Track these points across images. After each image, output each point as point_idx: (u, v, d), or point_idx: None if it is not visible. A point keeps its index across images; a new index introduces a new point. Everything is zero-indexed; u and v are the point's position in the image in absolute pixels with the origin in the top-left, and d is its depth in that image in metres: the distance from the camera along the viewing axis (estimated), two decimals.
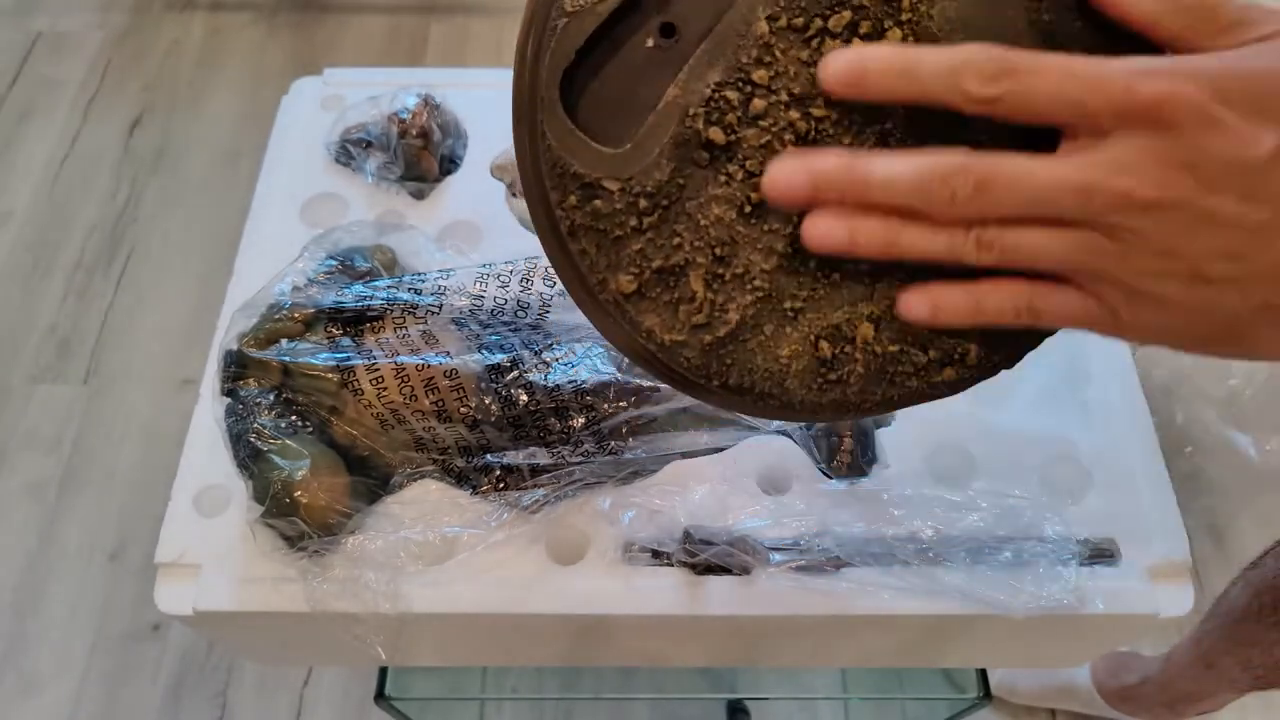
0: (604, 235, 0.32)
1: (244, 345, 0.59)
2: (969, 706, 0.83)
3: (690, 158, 0.31)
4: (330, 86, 0.81)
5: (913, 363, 0.32)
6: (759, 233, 0.31)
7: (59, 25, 1.93)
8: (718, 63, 0.30)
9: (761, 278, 0.32)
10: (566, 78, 0.31)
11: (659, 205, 0.31)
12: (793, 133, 0.31)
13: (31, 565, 1.32)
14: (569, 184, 0.31)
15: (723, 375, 0.32)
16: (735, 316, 0.32)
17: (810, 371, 0.32)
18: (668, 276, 0.32)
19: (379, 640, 0.57)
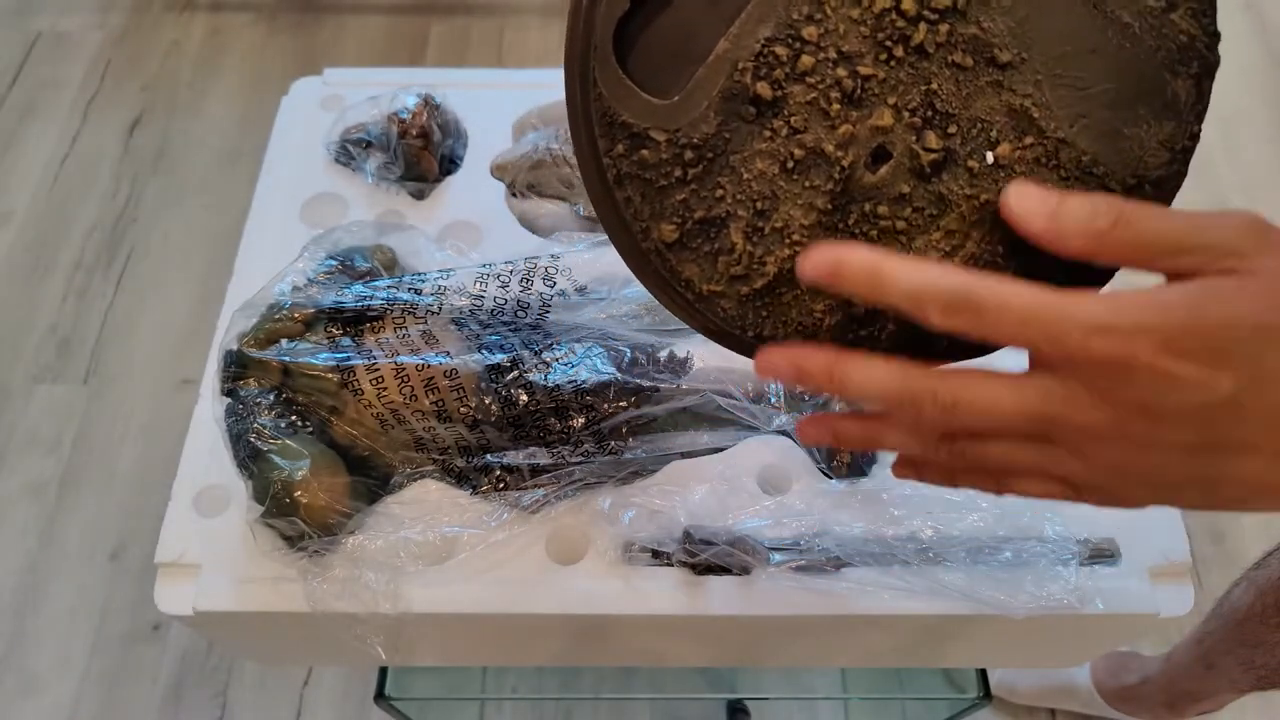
0: (649, 184, 0.32)
1: (244, 345, 0.59)
2: (969, 706, 0.83)
3: (737, 112, 0.31)
4: (330, 86, 0.81)
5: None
6: (800, 188, 0.32)
7: (59, 25, 1.93)
8: (769, 18, 0.31)
9: (800, 232, 0.32)
10: (620, 27, 0.31)
11: (704, 157, 0.32)
12: (839, 90, 0.31)
13: (31, 565, 1.32)
14: (618, 133, 0.32)
15: (758, 326, 0.33)
16: (773, 269, 0.32)
17: (843, 327, 0.33)
18: (709, 227, 0.32)
19: (379, 640, 0.57)
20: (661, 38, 0.32)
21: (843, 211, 0.32)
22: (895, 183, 0.32)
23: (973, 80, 0.31)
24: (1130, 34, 0.30)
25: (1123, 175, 0.31)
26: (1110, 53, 0.30)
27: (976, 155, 0.31)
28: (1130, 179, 0.31)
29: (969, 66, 0.31)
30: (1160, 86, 0.31)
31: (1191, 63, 0.30)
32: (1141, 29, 0.30)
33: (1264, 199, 1.66)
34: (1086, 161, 0.31)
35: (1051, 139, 0.31)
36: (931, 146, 0.31)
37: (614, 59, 0.31)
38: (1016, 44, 0.31)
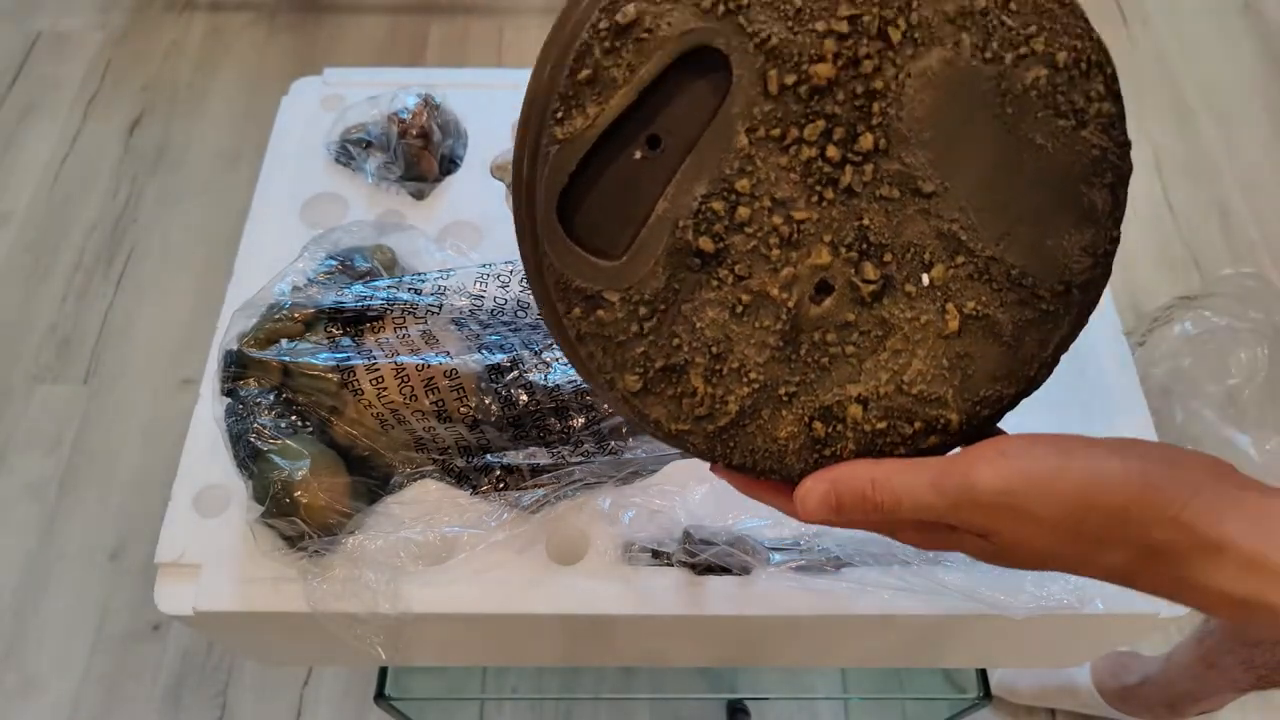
0: (609, 340, 0.34)
1: (244, 345, 0.59)
2: (969, 706, 0.83)
3: (684, 264, 0.33)
4: (330, 86, 0.81)
5: (899, 434, 0.34)
6: (751, 329, 0.34)
7: (59, 25, 1.93)
8: (703, 175, 0.33)
9: (756, 370, 0.34)
10: (562, 196, 0.33)
11: (657, 310, 0.34)
12: (777, 236, 0.33)
13: (31, 565, 1.32)
14: (573, 297, 0.34)
15: (727, 456, 0.35)
16: (735, 407, 0.34)
17: (806, 449, 0.35)
18: (670, 374, 0.34)
19: (379, 640, 0.57)
20: (604, 198, 0.33)
21: (794, 344, 0.34)
22: (840, 312, 0.34)
23: (901, 210, 0.33)
24: (1045, 153, 0.32)
25: (1051, 283, 0.33)
26: (1028, 172, 0.32)
27: (913, 279, 0.33)
28: (1058, 285, 0.33)
29: (896, 198, 0.33)
30: (1078, 198, 0.32)
31: (1105, 173, 0.32)
32: (1055, 148, 0.32)
33: (1265, 198, 1.66)
34: (1016, 274, 0.33)
35: (981, 257, 0.33)
36: (870, 277, 0.33)
37: (560, 230, 0.33)
38: (938, 174, 0.32)
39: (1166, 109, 1.78)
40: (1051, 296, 0.33)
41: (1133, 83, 1.82)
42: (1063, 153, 0.32)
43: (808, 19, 0.31)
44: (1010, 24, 0.31)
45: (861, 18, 0.31)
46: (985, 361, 0.34)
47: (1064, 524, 0.31)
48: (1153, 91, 1.81)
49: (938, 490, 0.32)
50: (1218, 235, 1.63)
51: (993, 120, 0.32)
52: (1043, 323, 0.34)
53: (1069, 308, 0.34)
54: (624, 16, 0.31)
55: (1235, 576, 0.29)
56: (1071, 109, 0.32)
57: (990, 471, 0.31)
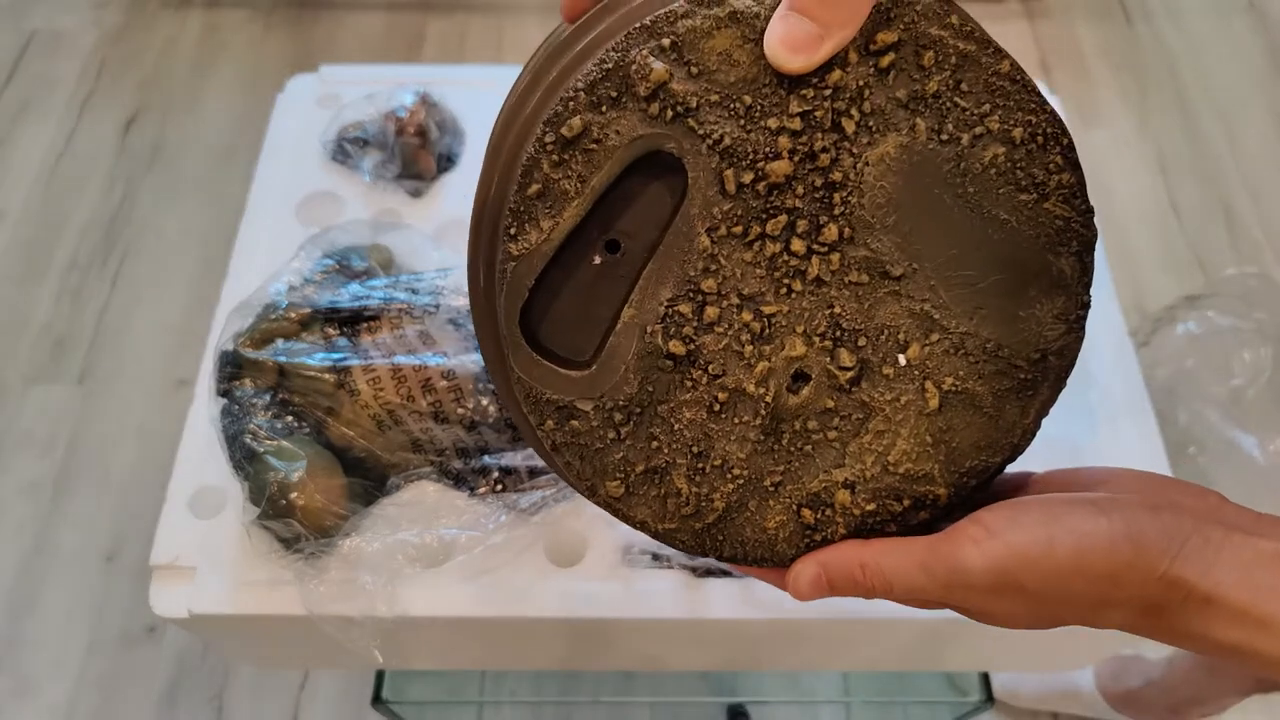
0: (586, 449, 0.33)
1: (239, 345, 0.58)
2: (971, 710, 0.83)
3: (655, 367, 0.33)
4: (326, 84, 0.81)
5: (889, 511, 0.34)
6: (731, 426, 0.33)
7: (54, 23, 1.92)
8: (667, 279, 0.32)
9: (739, 465, 0.34)
10: (524, 309, 0.32)
11: (633, 415, 0.33)
12: (748, 332, 0.33)
13: (26, 567, 1.32)
14: (545, 409, 0.33)
15: (717, 550, 0.35)
16: (721, 504, 0.34)
17: (796, 535, 0.34)
18: (653, 475, 0.34)
19: (376, 643, 0.56)
20: (567, 305, 0.33)
21: (775, 435, 0.33)
22: (819, 399, 0.33)
23: (871, 294, 0.32)
24: (1010, 228, 0.32)
25: (1027, 353, 0.33)
26: (994, 247, 0.32)
27: (889, 361, 0.33)
28: (1034, 354, 0.33)
29: (865, 283, 0.32)
30: (1045, 267, 0.33)
31: (1070, 242, 0.32)
32: (1019, 222, 0.32)
33: (1270, 198, 1.66)
34: (991, 347, 0.33)
35: (955, 334, 0.33)
36: (846, 364, 0.33)
37: (525, 345, 0.33)
38: (906, 257, 0.32)
39: (1170, 108, 1.78)
40: (1028, 365, 0.34)
41: (1136, 82, 1.82)
42: (1027, 225, 0.32)
43: (759, 117, 0.31)
44: (963, 105, 0.31)
45: (814, 113, 0.31)
46: (968, 433, 0.34)
47: (1057, 595, 0.31)
48: (1156, 91, 1.81)
49: (927, 573, 0.32)
50: (1222, 235, 1.63)
51: (955, 199, 0.32)
52: (1021, 390, 0.34)
53: (1046, 374, 0.34)
54: (569, 129, 0.30)
55: (1226, 627, 0.30)
56: (1032, 183, 0.32)
57: (978, 553, 0.31)
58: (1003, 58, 0.31)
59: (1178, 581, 0.30)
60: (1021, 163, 0.32)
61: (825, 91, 0.31)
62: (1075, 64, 1.84)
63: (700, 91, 0.30)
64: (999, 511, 0.32)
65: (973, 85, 0.31)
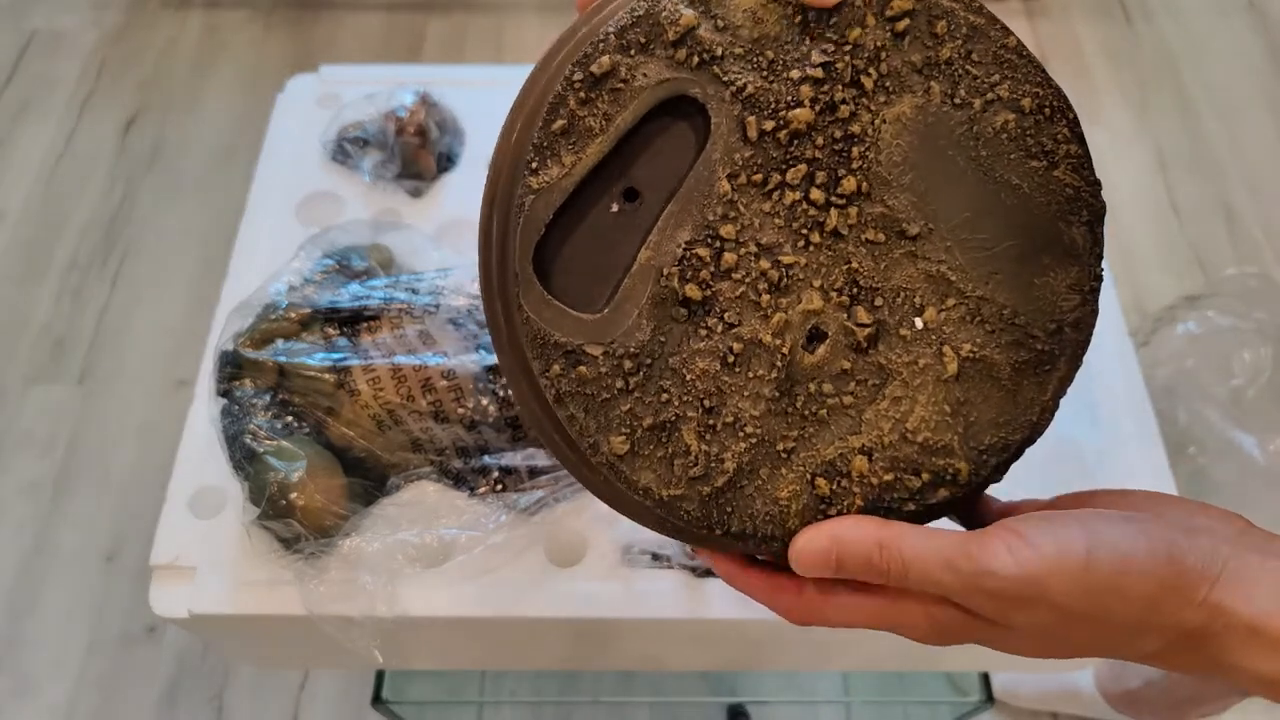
0: (591, 399, 0.32)
1: (239, 345, 0.58)
2: (971, 710, 0.83)
3: (669, 315, 0.32)
4: (326, 84, 0.81)
5: (907, 488, 0.33)
6: (745, 380, 0.32)
7: (54, 23, 1.92)
8: (685, 222, 0.32)
9: (752, 424, 0.32)
10: (537, 249, 0.32)
11: (643, 364, 0.32)
12: (766, 281, 0.32)
13: (27, 567, 1.32)
14: (551, 353, 0.32)
15: (724, 523, 0.33)
16: (732, 465, 0.32)
17: (810, 509, 0.33)
18: (660, 433, 0.32)
19: (376, 643, 0.56)
20: (580, 252, 0.33)
21: (790, 396, 0.33)
22: (835, 360, 0.33)
23: (888, 254, 0.32)
24: (1021, 193, 0.32)
25: (1043, 322, 0.33)
26: (1007, 212, 0.33)
27: (906, 323, 0.33)
28: (1050, 325, 0.33)
29: (882, 242, 0.32)
30: (1058, 235, 0.33)
31: (1081, 211, 0.33)
32: (1030, 188, 0.32)
33: (1270, 198, 1.66)
34: (1007, 314, 0.33)
35: (972, 298, 0.33)
36: (863, 321, 0.32)
37: (536, 283, 0.32)
38: (922, 216, 0.32)
39: (1170, 107, 1.78)
40: (1045, 336, 0.33)
41: (1136, 81, 1.81)
42: (1038, 192, 0.32)
43: (781, 70, 0.32)
44: (975, 73, 0.32)
45: (835, 64, 0.32)
46: (986, 407, 0.33)
47: (1091, 616, 0.29)
48: (1156, 90, 1.81)
49: (951, 568, 0.30)
50: (1222, 235, 1.62)
51: (969, 162, 0.32)
52: (1039, 364, 0.33)
53: (1063, 347, 0.33)
54: (599, 67, 0.31)
55: (1270, 658, 0.28)
56: (1041, 150, 0.33)
57: (1010, 558, 0.29)
58: (1009, 34, 0.33)
59: (1219, 608, 0.28)
60: (1031, 130, 0.32)
61: (846, 47, 0.32)
62: (1075, 63, 1.84)
63: (725, 43, 0.31)
64: (1033, 521, 0.30)
65: (983, 56, 0.32)
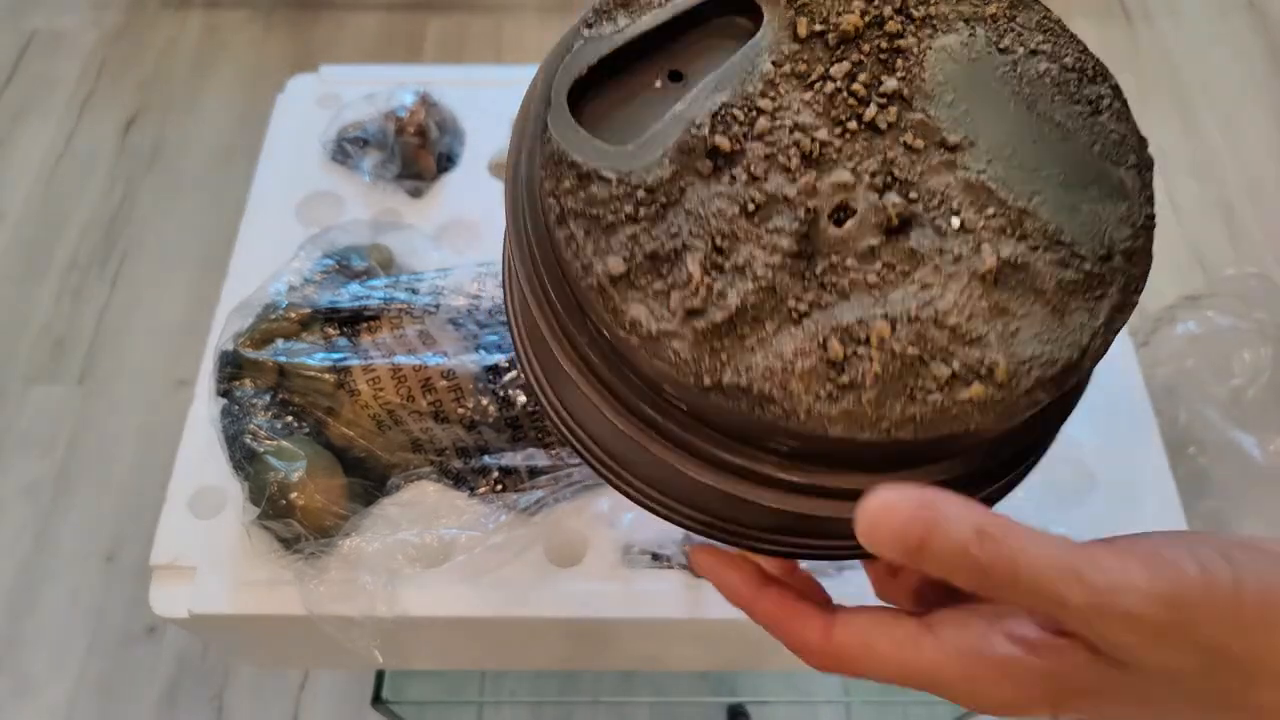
0: (595, 220, 0.29)
1: (239, 345, 0.58)
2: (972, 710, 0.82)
3: (694, 166, 0.30)
4: (326, 84, 0.81)
5: (934, 376, 0.28)
6: (763, 231, 0.29)
7: (54, 24, 1.92)
8: (724, 88, 0.32)
9: (764, 270, 0.29)
10: (577, 93, 0.32)
11: (658, 200, 0.30)
12: (797, 150, 0.31)
13: (26, 567, 1.32)
14: (565, 171, 0.30)
15: (715, 371, 0.27)
16: (735, 302, 0.28)
17: (818, 373, 0.27)
18: (661, 263, 0.29)
19: (376, 643, 0.56)
20: (618, 113, 0.32)
21: (809, 259, 0.29)
22: (862, 238, 0.30)
23: (926, 159, 0.31)
24: (1065, 129, 0.32)
25: (1092, 245, 0.30)
26: (1050, 145, 0.31)
27: (942, 219, 0.30)
28: (1100, 249, 0.30)
29: (920, 148, 0.31)
30: (1106, 174, 0.31)
31: (1129, 156, 0.31)
32: (1074, 127, 0.32)
33: (1270, 198, 1.66)
34: (1053, 230, 0.29)
35: (1014, 209, 0.30)
36: (898, 207, 0.30)
37: (568, 112, 0.31)
38: (963, 129, 0.31)
39: (1169, 107, 1.78)
40: (1094, 259, 0.29)
41: (1135, 81, 1.81)
42: (1083, 133, 0.32)
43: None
44: (1019, 29, 0.34)
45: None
46: (1029, 321, 0.28)
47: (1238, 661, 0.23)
48: (1156, 90, 1.81)
49: (1078, 577, 0.23)
50: (1222, 235, 1.62)
51: (1012, 95, 0.32)
52: (1089, 287, 0.29)
53: (1114, 274, 0.29)
54: None
55: None
56: (1085, 99, 0.33)
57: (1148, 574, 0.23)
58: (1049, 10, 0.34)
59: None
60: (1074, 82, 0.33)
61: None
62: None
63: None
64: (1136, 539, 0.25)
65: (1026, 21, 0.34)
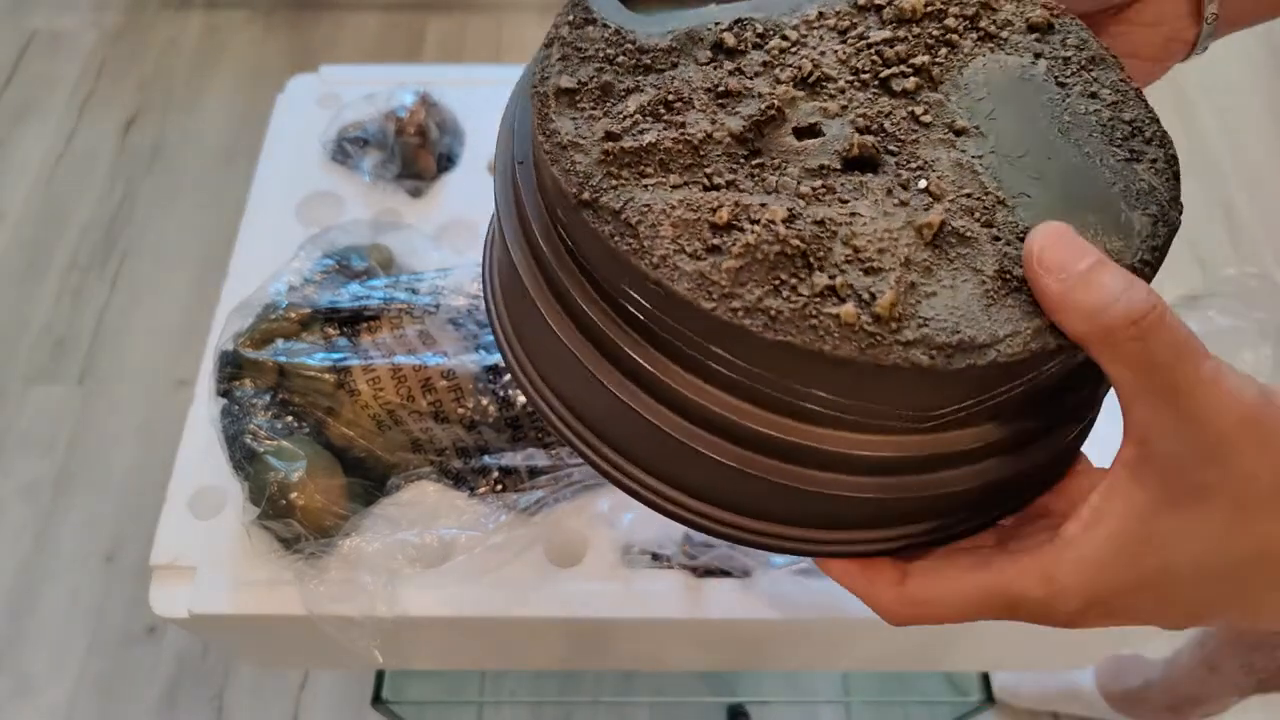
0: (577, 51, 0.31)
1: (239, 345, 0.58)
2: (971, 710, 0.82)
3: (693, 51, 0.32)
4: (327, 84, 0.81)
5: (810, 281, 0.26)
6: (717, 107, 0.31)
7: (54, 24, 1.92)
8: (761, 10, 0.33)
9: (696, 129, 0.29)
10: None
11: (642, 61, 0.31)
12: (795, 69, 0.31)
13: (27, 567, 1.32)
14: (576, 11, 0.32)
15: (598, 190, 0.28)
16: (650, 139, 0.29)
17: (692, 228, 0.27)
18: (609, 98, 0.31)
19: (376, 643, 0.56)
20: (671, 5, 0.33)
21: (751, 153, 0.29)
22: (816, 155, 0.29)
23: (928, 133, 0.30)
24: (1090, 160, 0.30)
25: None
26: (1068, 168, 0.30)
27: (908, 173, 0.29)
28: None
29: (926, 123, 0.30)
30: (1115, 211, 0.29)
31: (1150, 205, 0.29)
32: (1101, 163, 0.30)
33: (1269, 197, 1.66)
34: (1022, 230, 0.28)
35: (992, 196, 0.29)
36: (866, 144, 0.29)
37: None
38: (978, 121, 0.31)
39: (1169, 107, 1.78)
40: None
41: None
42: (1109, 171, 0.29)
43: None
44: (1088, 78, 0.32)
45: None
46: (952, 293, 0.27)
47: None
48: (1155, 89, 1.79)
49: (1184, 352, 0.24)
50: (1221, 234, 1.62)
51: (1048, 116, 0.31)
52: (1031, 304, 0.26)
53: None
54: None
55: None
56: (1128, 148, 0.30)
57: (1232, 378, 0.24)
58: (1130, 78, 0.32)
59: None
60: (1124, 132, 0.31)
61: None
62: None
63: None
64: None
65: (1101, 77, 0.32)
